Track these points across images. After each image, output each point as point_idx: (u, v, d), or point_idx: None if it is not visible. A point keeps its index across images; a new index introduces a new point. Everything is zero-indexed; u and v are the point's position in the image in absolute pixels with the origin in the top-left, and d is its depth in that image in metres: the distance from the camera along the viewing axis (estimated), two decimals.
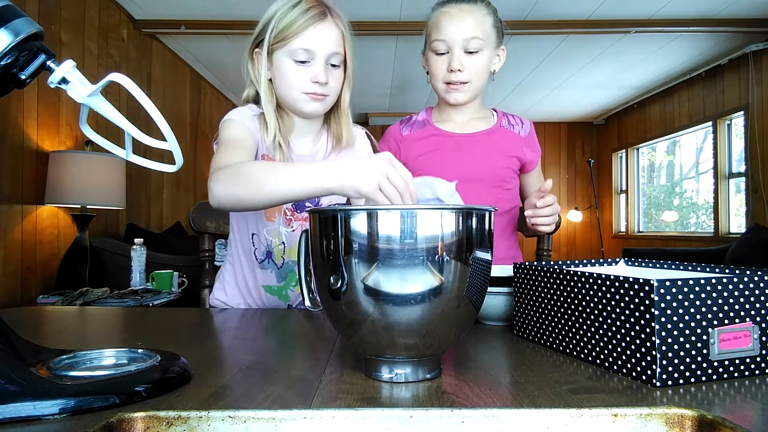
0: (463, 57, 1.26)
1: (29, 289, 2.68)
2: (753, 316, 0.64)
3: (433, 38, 1.29)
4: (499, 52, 1.35)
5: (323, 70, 1.10)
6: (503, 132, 1.41)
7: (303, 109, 1.14)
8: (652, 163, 6.64)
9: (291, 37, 1.08)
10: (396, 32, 4.00)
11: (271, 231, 1.21)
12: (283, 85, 1.13)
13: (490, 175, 1.37)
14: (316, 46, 1.08)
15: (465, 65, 1.27)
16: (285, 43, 1.09)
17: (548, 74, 5.23)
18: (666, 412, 0.51)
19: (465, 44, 1.25)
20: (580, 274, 0.71)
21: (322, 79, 1.09)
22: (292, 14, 1.08)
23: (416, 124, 1.41)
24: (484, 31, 1.26)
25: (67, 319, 1.11)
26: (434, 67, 1.31)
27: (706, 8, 3.70)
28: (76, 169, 2.66)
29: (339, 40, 1.12)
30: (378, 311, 0.59)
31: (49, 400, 0.52)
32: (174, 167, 0.70)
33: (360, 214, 0.58)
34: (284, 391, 0.59)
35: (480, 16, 1.26)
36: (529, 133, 1.44)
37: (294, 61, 1.09)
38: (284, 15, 1.09)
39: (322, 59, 1.10)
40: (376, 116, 6.83)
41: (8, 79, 0.57)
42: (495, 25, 1.29)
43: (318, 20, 1.08)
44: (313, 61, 1.09)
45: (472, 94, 1.33)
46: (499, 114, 1.44)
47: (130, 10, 3.68)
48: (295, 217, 1.21)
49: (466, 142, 1.37)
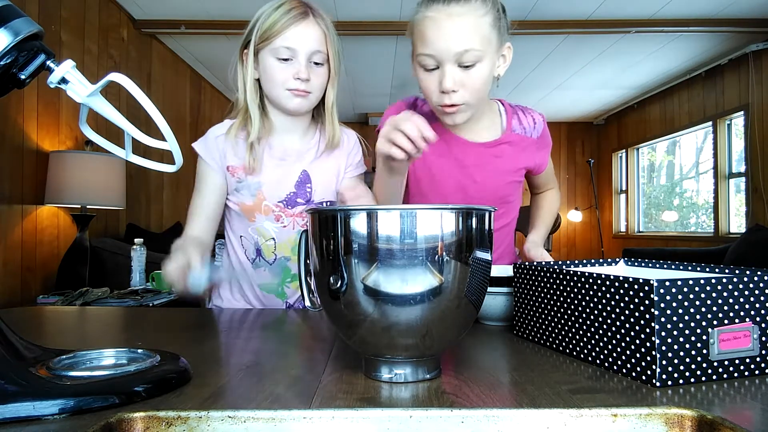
0: (457, 73, 1.02)
1: (29, 289, 2.68)
2: (753, 316, 0.64)
3: (418, 51, 1.04)
4: (504, 52, 1.11)
5: (305, 67, 1.14)
6: (515, 140, 1.23)
7: (287, 105, 1.17)
8: (652, 163, 6.64)
9: (274, 36, 1.13)
10: (396, 32, 4.00)
11: (254, 230, 1.24)
12: (268, 82, 1.17)
13: (491, 194, 1.23)
14: (298, 44, 1.13)
15: (459, 83, 1.03)
16: (269, 42, 1.14)
17: (548, 74, 5.23)
18: (666, 412, 0.51)
19: (458, 58, 1.01)
20: (580, 274, 0.71)
21: (303, 75, 1.14)
22: (276, 15, 1.14)
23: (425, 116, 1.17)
24: (482, 36, 1.01)
25: (67, 319, 1.11)
26: (423, 83, 1.07)
27: (706, 8, 3.70)
28: (76, 169, 2.66)
29: (321, 39, 1.16)
30: (378, 311, 0.59)
31: (49, 400, 0.52)
32: (174, 167, 0.70)
33: (360, 214, 0.58)
34: (284, 391, 0.59)
35: (474, 19, 1.01)
36: (542, 132, 1.27)
37: (277, 59, 1.14)
38: (268, 16, 1.14)
39: (303, 57, 1.14)
40: (376, 116, 6.83)
41: (8, 79, 0.57)
42: (495, 24, 1.04)
43: (299, 19, 1.14)
44: (295, 58, 1.14)
45: (472, 113, 1.11)
46: (508, 113, 1.25)
47: (130, 10, 3.68)
48: (286, 213, 1.23)
49: (472, 152, 1.20)
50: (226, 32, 3.95)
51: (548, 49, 4.54)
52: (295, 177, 1.22)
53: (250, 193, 1.21)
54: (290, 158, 1.23)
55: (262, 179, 1.21)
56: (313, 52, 1.15)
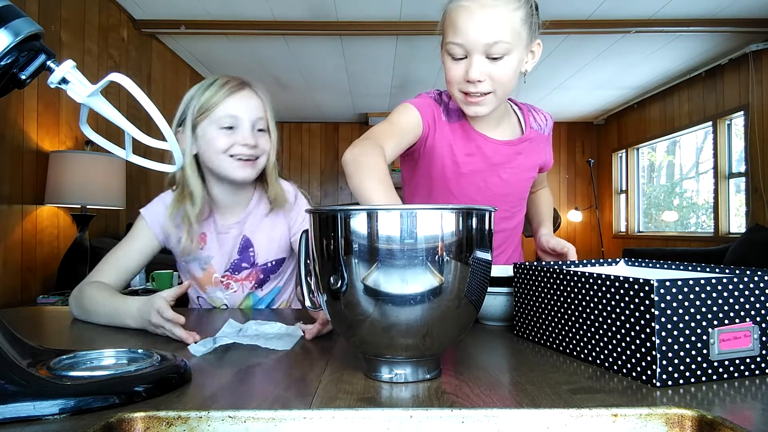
0: (484, 64, 1.03)
1: (29, 289, 2.68)
2: (753, 316, 0.64)
3: (448, 39, 1.05)
4: (534, 48, 1.11)
5: (250, 134, 1.14)
6: (534, 137, 1.25)
7: (233, 174, 1.15)
8: (652, 163, 6.64)
9: (214, 107, 1.13)
10: (396, 32, 4.00)
11: (208, 298, 1.26)
12: (210, 153, 1.14)
13: (515, 191, 1.26)
14: (240, 111, 1.14)
15: (486, 74, 1.04)
16: (209, 113, 1.13)
17: (548, 74, 5.23)
18: (666, 413, 0.51)
19: (486, 49, 1.02)
20: (580, 274, 0.71)
21: (250, 141, 1.13)
22: (213, 89, 1.15)
23: (452, 113, 1.19)
24: (512, 30, 1.02)
25: (67, 319, 1.11)
26: (450, 72, 1.08)
27: (706, 8, 3.70)
28: (76, 169, 2.66)
29: (261, 107, 1.17)
30: (378, 311, 0.59)
31: (49, 400, 0.52)
32: (174, 167, 0.71)
33: (360, 214, 0.58)
34: (284, 391, 0.59)
35: (507, 12, 1.01)
36: (551, 129, 1.31)
37: (220, 128, 1.13)
38: (204, 90, 1.15)
39: (247, 123, 1.14)
40: (376, 116, 6.82)
41: (8, 79, 0.57)
42: (527, 20, 1.05)
43: (238, 89, 1.15)
44: (238, 127, 1.14)
45: (495, 106, 1.10)
46: (524, 111, 1.26)
47: (130, 10, 3.67)
48: (234, 279, 1.23)
49: (499, 151, 1.20)
50: (226, 32, 3.95)
51: (548, 49, 4.53)
52: (237, 244, 1.22)
53: (199, 266, 1.22)
54: (232, 228, 1.23)
55: (210, 252, 1.21)
56: (256, 119, 1.15)
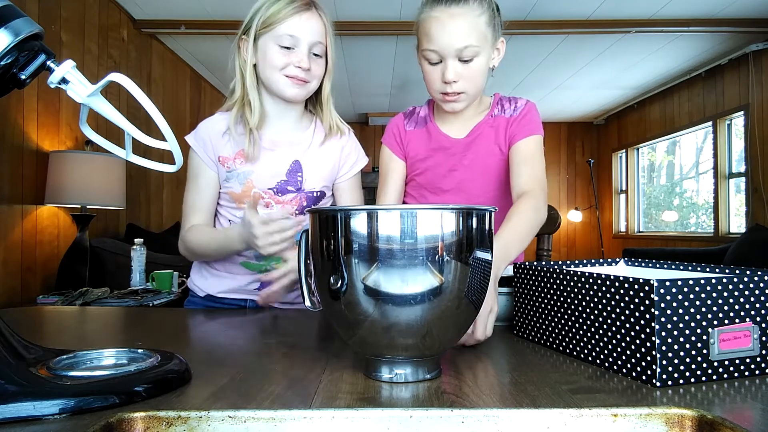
0: (458, 66, 1.17)
1: (29, 289, 2.68)
2: (753, 316, 0.64)
3: (423, 46, 1.20)
4: (498, 46, 1.25)
5: (306, 57, 1.16)
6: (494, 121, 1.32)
7: (285, 92, 1.18)
8: (652, 163, 6.64)
9: (277, 23, 1.15)
10: (396, 32, 4.00)
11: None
12: (267, 68, 1.18)
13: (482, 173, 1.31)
14: (301, 32, 1.15)
15: (460, 75, 1.18)
16: (271, 29, 1.15)
17: (548, 74, 5.23)
18: (666, 412, 0.51)
19: (458, 53, 1.15)
20: (580, 274, 0.71)
21: (305, 65, 1.16)
22: (279, 4, 1.16)
23: (419, 120, 1.36)
24: (479, 33, 1.16)
25: (67, 319, 1.11)
26: (428, 76, 1.22)
27: (706, 8, 3.70)
28: (76, 169, 2.66)
29: (322, 32, 1.18)
30: (378, 311, 0.59)
31: (49, 400, 0.52)
32: (174, 167, 0.70)
33: (360, 214, 0.58)
34: (284, 391, 0.59)
35: (472, 18, 1.15)
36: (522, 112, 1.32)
37: (279, 46, 1.16)
38: (271, 4, 1.16)
39: (305, 46, 1.16)
40: (376, 116, 6.83)
41: (8, 79, 0.57)
42: (490, 23, 1.19)
43: (303, 10, 1.16)
44: (297, 47, 1.16)
45: (470, 101, 1.26)
46: (495, 100, 1.35)
47: (130, 10, 3.67)
48: (275, 200, 1.25)
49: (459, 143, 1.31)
50: (226, 32, 3.95)
51: (548, 49, 4.53)
52: (287, 165, 1.24)
53: (239, 181, 1.23)
54: (281, 147, 1.24)
55: (252, 168, 1.22)
56: (314, 42, 1.17)
